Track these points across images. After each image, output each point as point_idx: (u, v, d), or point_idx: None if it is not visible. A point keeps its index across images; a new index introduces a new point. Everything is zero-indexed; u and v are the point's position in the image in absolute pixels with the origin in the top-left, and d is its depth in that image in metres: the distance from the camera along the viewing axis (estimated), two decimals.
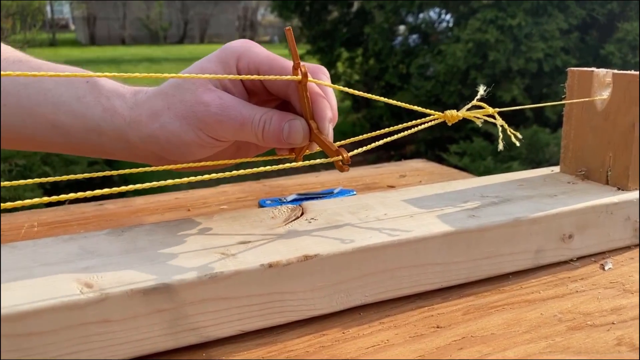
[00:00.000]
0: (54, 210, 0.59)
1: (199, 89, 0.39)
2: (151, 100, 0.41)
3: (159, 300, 0.31)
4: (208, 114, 0.38)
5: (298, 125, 0.39)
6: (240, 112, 0.38)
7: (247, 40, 0.42)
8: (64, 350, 0.30)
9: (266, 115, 0.38)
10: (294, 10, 5.00)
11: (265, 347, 0.34)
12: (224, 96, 0.39)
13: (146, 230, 0.39)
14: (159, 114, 0.40)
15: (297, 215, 0.43)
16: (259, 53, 0.40)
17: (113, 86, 0.43)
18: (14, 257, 0.35)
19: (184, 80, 0.40)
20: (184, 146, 0.40)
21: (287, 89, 0.40)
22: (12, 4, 5.99)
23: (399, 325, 0.36)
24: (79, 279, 0.32)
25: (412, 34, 4.25)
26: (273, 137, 0.38)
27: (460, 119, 0.43)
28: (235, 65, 0.40)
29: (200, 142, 0.40)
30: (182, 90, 0.40)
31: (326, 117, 0.39)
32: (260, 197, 0.62)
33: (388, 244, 0.37)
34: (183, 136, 0.39)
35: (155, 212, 0.57)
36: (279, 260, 0.35)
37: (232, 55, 0.40)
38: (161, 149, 0.41)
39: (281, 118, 0.39)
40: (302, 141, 0.39)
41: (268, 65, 0.39)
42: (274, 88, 0.41)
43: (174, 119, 0.39)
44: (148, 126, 0.40)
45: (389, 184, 0.67)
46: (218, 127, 0.39)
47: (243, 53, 0.40)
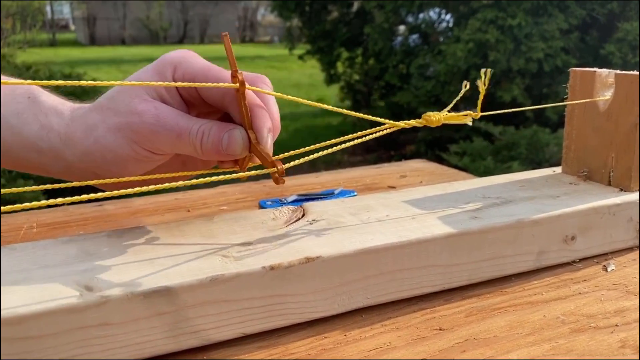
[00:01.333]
0: (53, 211, 0.58)
1: (134, 100, 0.37)
2: (86, 115, 0.39)
3: (159, 303, 0.31)
4: (142, 125, 0.37)
5: (237, 135, 0.37)
6: (177, 123, 0.37)
7: (186, 51, 0.40)
8: (63, 354, 0.30)
9: (205, 126, 0.37)
10: (294, 10, 5.00)
11: (267, 349, 0.34)
12: (160, 106, 0.37)
13: (146, 232, 0.39)
14: (93, 129, 0.38)
15: (298, 216, 0.42)
16: (195, 63, 0.39)
17: (53, 102, 0.41)
18: (13, 259, 0.34)
19: (119, 92, 0.38)
20: (120, 161, 0.38)
21: (224, 100, 0.38)
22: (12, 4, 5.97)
23: (401, 327, 0.36)
24: (78, 282, 0.31)
25: (412, 34, 4.24)
26: (212, 149, 0.37)
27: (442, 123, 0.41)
28: (171, 75, 0.39)
29: (135, 155, 0.38)
30: (117, 102, 0.38)
31: (264, 126, 0.37)
32: (260, 197, 0.62)
33: (390, 246, 0.37)
34: (118, 150, 0.38)
35: (154, 213, 0.57)
36: (281, 262, 0.34)
37: (169, 66, 0.39)
38: (97, 167, 0.39)
39: (220, 129, 0.37)
40: (241, 152, 0.37)
41: (203, 75, 0.38)
42: (211, 99, 0.39)
43: (107, 133, 0.38)
44: (82, 142, 0.38)
45: (390, 184, 0.67)
46: (153, 138, 0.37)
47: (179, 63, 0.39)
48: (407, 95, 3.87)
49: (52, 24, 16.38)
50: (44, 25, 14.15)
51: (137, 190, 0.34)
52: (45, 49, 10.89)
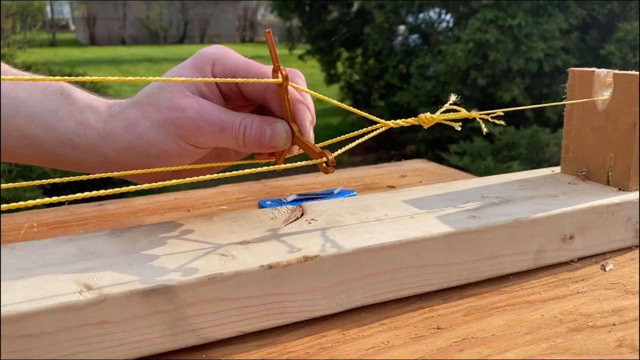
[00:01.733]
0: (54, 210, 0.58)
1: (175, 96, 0.38)
2: (126, 112, 0.40)
3: (158, 301, 0.31)
4: (186, 120, 0.38)
5: (281, 127, 0.38)
6: (219, 117, 0.38)
7: (222, 46, 0.41)
8: (63, 352, 0.30)
9: (247, 120, 0.38)
10: (294, 10, 5.00)
11: (265, 348, 0.34)
12: (202, 102, 0.38)
13: (146, 231, 0.39)
14: (134, 125, 0.39)
15: (297, 216, 0.43)
16: (235, 58, 0.40)
17: (87, 99, 0.42)
18: (13, 258, 0.35)
19: (160, 89, 0.39)
20: (163, 156, 0.39)
21: (265, 94, 0.39)
22: (13, 4, 5.98)
23: (399, 326, 0.36)
24: (78, 280, 0.32)
25: (412, 34, 4.25)
26: (255, 141, 0.38)
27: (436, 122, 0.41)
28: (210, 70, 0.39)
29: (179, 150, 0.39)
30: (158, 98, 0.39)
31: (307, 119, 0.39)
32: (260, 197, 0.62)
33: (388, 245, 0.37)
34: (162, 145, 0.38)
35: (155, 213, 0.57)
36: (279, 261, 0.35)
37: (207, 61, 0.39)
38: (139, 161, 0.40)
39: (262, 122, 0.38)
40: (284, 144, 0.38)
41: (245, 70, 0.39)
42: (252, 93, 0.40)
43: (151, 128, 0.38)
44: (124, 138, 0.39)
45: (390, 184, 0.67)
46: (197, 133, 0.38)
47: (218, 59, 0.40)
48: (407, 95, 3.87)
49: (52, 24, 16.38)
50: (44, 25, 14.14)
51: (171, 182, 0.35)
52: (45, 49, 10.89)
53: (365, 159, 4.23)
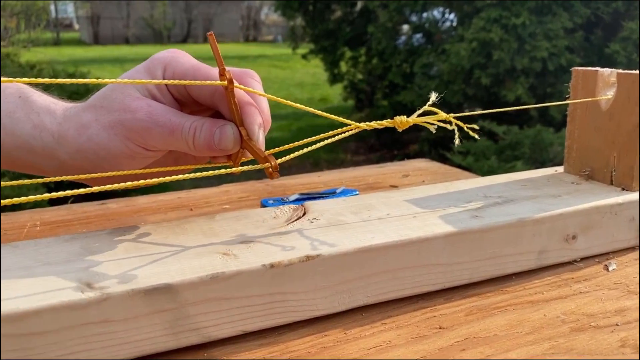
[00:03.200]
0: (57, 209, 0.59)
1: (126, 98, 0.38)
2: (79, 114, 0.39)
3: (160, 300, 0.31)
4: (135, 122, 0.37)
5: (229, 130, 0.38)
6: (169, 119, 0.37)
7: (176, 50, 0.41)
8: (65, 350, 0.30)
9: (197, 123, 0.37)
10: (297, 9, 4.99)
11: (267, 347, 0.34)
12: (153, 104, 0.38)
13: (148, 229, 0.39)
14: (86, 127, 0.39)
15: (299, 215, 0.43)
16: (185, 62, 0.39)
17: (45, 102, 0.41)
18: (15, 257, 0.35)
19: (112, 91, 0.39)
20: (113, 159, 0.39)
21: (213, 98, 0.39)
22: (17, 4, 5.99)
23: (401, 326, 0.36)
24: (80, 279, 0.32)
25: (415, 34, 4.24)
26: (204, 144, 0.37)
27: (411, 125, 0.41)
28: (162, 74, 0.39)
29: (129, 152, 0.38)
30: (110, 101, 0.38)
31: (255, 122, 0.38)
32: (262, 196, 0.62)
33: (390, 245, 0.37)
34: (111, 148, 0.38)
35: (157, 212, 0.57)
36: (281, 260, 0.35)
37: (159, 65, 0.39)
38: (90, 164, 0.39)
39: (212, 125, 0.37)
40: (233, 147, 0.38)
41: (192, 74, 0.38)
42: (201, 97, 0.39)
43: (101, 131, 0.38)
44: (76, 140, 0.39)
45: (392, 183, 0.67)
46: (146, 135, 0.37)
47: (169, 62, 0.39)
48: (411, 95, 3.86)
49: (56, 23, 16.42)
50: (48, 24, 14.18)
51: (130, 185, 0.34)
52: (49, 48, 10.93)
53: (368, 158, 4.23)
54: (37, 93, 0.42)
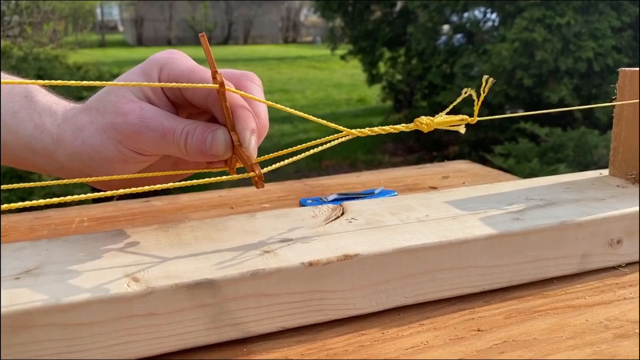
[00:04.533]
0: (103, 206, 0.61)
1: (120, 101, 0.37)
2: (76, 116, 0.39)
3: (202, 295, 0.32)
4: (126, 125, 0.36)
5: (220, 135, 0.36)
6: (161, 123, 0.36)
7: (173, 51, 0.40)
8: (111, 341, 0.31)
9: (189, 127, 0.36)
10: (336, 10, 5.00)
11: (305, 344, 0.34)
12: (145, 107, 0.37)
13: (191, 226, 0.40)
14: (81, 130, 0.38)
15: (337, 214, 0.43)
16: (181, 64, 0.38)
17: (48, 102, 0.41)
18: (66, 250, 0.36)
19: (107, 93, 0.38)
20: (107, 162, 0.38)
21: (207, 101, 0.38)
22: (65, 7, 6.19)
23: (439, 327, 0.36)
24: (126, 273, 0.33)
25: (456, 34, 4.19)
26: (196, 149, 0.36)
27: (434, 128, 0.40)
28: (157, 76, 0.38)
29: (121, 156, 0.38)
30: (104, 103, 0.38)
31: (246, 128, 0.36)
32: (301, 196, 0.63)
33: (429, 246, 0.37)
34: (104, 151, 0.37)
35: (199, 209, 0.59)
36: (319, 259, 0.35)
37: (155, 67, 0.38)
38: (86, 167, 0.39)
39: (204, 129, 0.36)
40: (224, 152, 0.37)
41: (187, 77, 0.37)
42: (195, 100, 0.38)
43: (95, 134, 0.38)
44: (72, 143, 0.38)
45: (431, 185, 0.66)
46: (137, 138, 0.37)
47: (165, 64, 0.38)
48: (451, 95, 3.82)
49: (101, 26, 16.89)
50: (94, 26, 14.59)
51: (130, 190, 0.34)
52: (95, 50, 11.24)
53: (406, 159, 4.20)
54: (42, 92, 0.42)
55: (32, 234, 0.53)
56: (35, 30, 6.28)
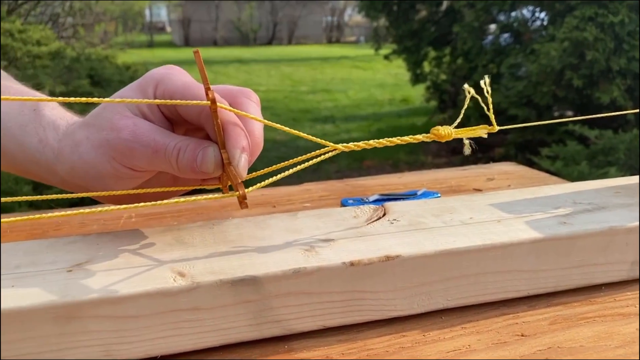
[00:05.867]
0: (150, 202, 0.62)
1: (115, 117, 0.37)
2: (75, 132, 0.39)
3: (245, 291, 0.33)
4: (119, 141, 0.36)
5: (210, 153, 0.36)
6: (153, 139, 0.36)
7: (171, 67, 0.40)
8: (157, 334, 0.32)
9: (182, 143, 0.36)
10: (381, 10, 4.98)
11: (346, 343, 0.34)
12: (139, 123, 0.37)
13: (235, 224, 0.41)
14: (78, 145, 0.38)
15: (379, 215, 0.43)
16: (176, 80, 0.38)
17: (53, 116, 0.42)
18: (115, 245, 0.37)
19: (103, 109, 0.38)
20: (102, 178, 0.38)
21: (200, 118, 0.37)
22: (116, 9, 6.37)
23: (481, 331, 0.35)
24: (172, 268, 0.34)
25: (503, 33, 4.10)
26: (188, 166, 0.36)
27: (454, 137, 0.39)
28: (153, 92, 0.38)
29: (115, 172, 0.38)
30: (100, 119, 0.38)
31: (236, 146, 0.35)
32: (342, 196, 0.63)
33: (473, 249, 0.37)
34: (99, 167, 0.38)
35: None
36: (361, 259, 0.35)
37: (151, 83, 0.38)
38: (83, 182, 0.39)
39: (196, 146, 0.36)
40: (213, 170, 0.36)
41: (181, 93, 0.37)
42: (189, 117, 0.38)
43: (90, 149, 0.38)
44: (69, 158, 0.39)
45: (476, 187, 0.65)
46: (130, 154, 0.36)
47: (161, 80, 0.38)
48: (497, 96, 3.74)
49: (150, 27, 17.32)
50: (143, 27, 14.98)
51: (127, 207, 0.34)
52: (143, 50, 11.53)
53: (450, 160, 4.14)
54: (50, 106, 0.43)
55: (83, 228, 0.55)
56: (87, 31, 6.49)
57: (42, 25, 4.91)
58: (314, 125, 5.33)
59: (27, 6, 5.40)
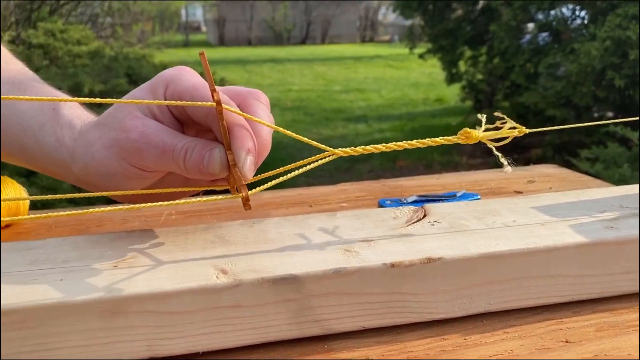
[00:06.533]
0: (190, 200, 0.63)
1: (126, 117, 0.38)
2: (89, 131, 0.40)
3: (286, 290, 0.33)
4: (128, 141, 0.37)
5: (216, 154, 0.36)
6: (161, 140, 0.36)
7: (182, 67, 0.40)
8: (199, 331, 0.32)
9: (189, 144, 0.36)
10: (416, 9, 4.94)
11: (385, 345, 0.34)
12: (149, 123, 0.37)
13: (275, 222, 0.41)
14: (91, 145, 0.39)
15: (419, 217, 0.42)
16: (185, 81, 0.38)
17: (70, 116, 0.42)
18: (158, 241, 0.38)
19: (115, 110, 0.39)
20: (112, 178, 0.39)
21: (207, 119, 0.37)
22: (153, 9, 6.49)
23: (524, 336, 0.35)
24: (215, 265, 0.34)
25: (541, 32, 4.02)
26: (194, 167, 0.36)
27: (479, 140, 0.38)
28: (163, 93, 0.38)
29: (125, 172, 0.38)
30: (112, 119, 0.38)
31: (242, 148, 0.35)
32: (379, 196, 0.63)
33: (516, 252, 0.36)
34: (109, 167, 0.38)
35: (280, 207, 0.60)
36: (402, 260, 0.35)
37: (162, 84, 0.38)
38: (95, 180, 0.40)
39: (204, 147, 0.36)
40: (219, 171, 0.36)
41: (190, 94, 0.37)
42: (197, 118, 0.38)
43: (101, 149, 0.38)
44: (83, 157, 0.39)
45: (516, 189, 0.64)
46: (139, 155, 0.37)
47: (172, 81, 0.38)
48: (535, 96, 3.67)
49: (186, 26, 17.57)
50: (179, 27, 15.22)
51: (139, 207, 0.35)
52: (179, 50, 11.70)
53: (485, 161, 4.08)
54: (68, 106, 0.43)
55: (125, 224, 0.56)
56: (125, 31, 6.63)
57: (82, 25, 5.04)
58: (347, 124, 5.32)
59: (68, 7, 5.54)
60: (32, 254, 0.36)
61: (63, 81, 3.36)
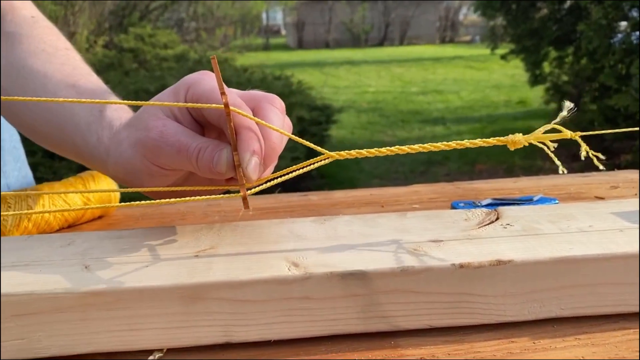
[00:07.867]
0: (265, 197, 0.66)
1: (150, 118, 0.40)
2: (120, 132, 0.43)
3: (354, 285, 0.34)
4: (149, 140, 0.39)
5: (223, 154, 0.37)
6: (178, 139, 0.38)
7: (205, 72, 0.41)
8: (271, 319, 0.34)
9: (203, 144, 0.38)
10: (499, 8, 4.80)
11: (452, 345, 0.34)
12: (168, 124, 0.39)
13: (345, 220, 0.42)
14: (120, 144, 0.42)
15: (491, 219, 0.42)
16: (205, 84, 0.39)
17: (112, 116, 0.46)
18: (235, 236, 0.40)
19: (143, 111, 0.41)
20: (136, 174, 0.41)
21: (220, 121, 0.39)
22: (235, 13, 6.70)
23: (597, 344, 0.34)
24: (287, 258, 0.36)
25: (635, 31, 3.79)
26: (206, 166, 0.38)
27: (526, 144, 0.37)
28: (184, 96, 0.40)
29: (147, 170, 0.40)
30: (138, 120, 0.41)
31: (247, 149, 0.36)
32: (452, 199, 0.62)
33: (591, 257, 0.35)
34: (134, 164, 0.41)
35: (352, 206, 0.61)
36: (471, 261, 0.35)
37: (183, 87, 0.40)
38: (124, 177, 0.43)
39: (215, 147, 0.38)
40: (225, 171, 0.37)
41: (207, 97, 0.39)
42: (212, 119, 0.40)
43: (128, 148, 0.41)
44: (114, 156, 0.43)
45: (598, 194, 0.62)
46: (158, 153, 0.39)
47: (192, 84, 0.40)
48: (626, 99, 3.47)
49: (266, 30, 17.98)
50: (260, 31, 15.59)
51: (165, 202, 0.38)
52: (260, 53, 11.99)
53: (569, 166, 3.88)
54: (113, 107, 0.47)
55: (206, 218, 0.59)
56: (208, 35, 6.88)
57: (168, 30, 5.28)
58: (424, 126, 5.25)
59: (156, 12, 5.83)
60: (121, 242, 0.40)
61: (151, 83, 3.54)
